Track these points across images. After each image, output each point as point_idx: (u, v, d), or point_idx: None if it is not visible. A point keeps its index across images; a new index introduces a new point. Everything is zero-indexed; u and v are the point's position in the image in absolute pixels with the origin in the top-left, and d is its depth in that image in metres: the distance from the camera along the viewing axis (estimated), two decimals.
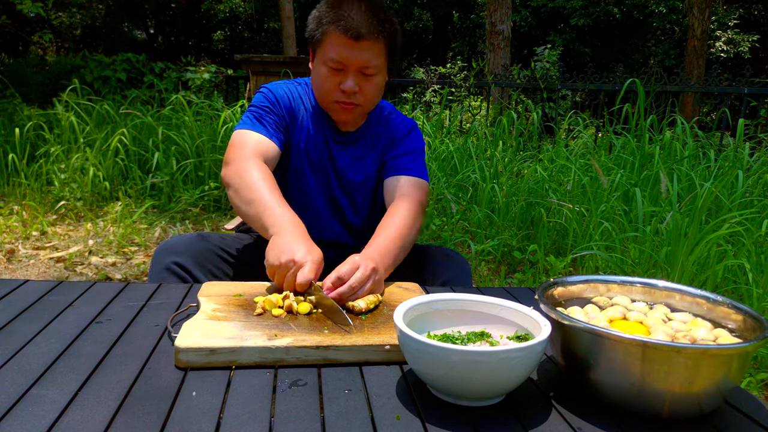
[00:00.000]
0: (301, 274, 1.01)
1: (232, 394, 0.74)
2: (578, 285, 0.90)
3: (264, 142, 1.31)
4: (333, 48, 1.26)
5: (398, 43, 1.35)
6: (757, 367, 2.04)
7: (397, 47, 1.34)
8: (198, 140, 4.44)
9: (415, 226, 1.28)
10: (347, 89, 1.28)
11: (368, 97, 1.33)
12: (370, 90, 1.32)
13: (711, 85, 5.19)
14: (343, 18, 1.24)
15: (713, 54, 11.94)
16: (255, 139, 1.30)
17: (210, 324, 0.88)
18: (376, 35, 1.25)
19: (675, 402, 0.69)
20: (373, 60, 1.27)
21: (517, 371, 0.70)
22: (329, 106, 1.35)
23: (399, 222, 1.25)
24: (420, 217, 1.33)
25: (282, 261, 1.02)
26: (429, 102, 6.30)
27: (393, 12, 1.35)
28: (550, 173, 3.86)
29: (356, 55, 1.25)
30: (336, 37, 1.25)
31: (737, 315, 0.79)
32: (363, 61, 1.26)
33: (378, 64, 1.29)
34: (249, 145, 1.28)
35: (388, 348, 0.84)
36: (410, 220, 1.27)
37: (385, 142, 1.46)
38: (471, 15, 14.24)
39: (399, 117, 1.50)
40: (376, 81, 1.31)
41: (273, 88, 1.40)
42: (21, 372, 0.77)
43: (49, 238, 3.51)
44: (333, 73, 1.29)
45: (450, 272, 1.32)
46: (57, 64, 7.28)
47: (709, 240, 2.43)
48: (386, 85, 1.42)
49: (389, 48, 1.31)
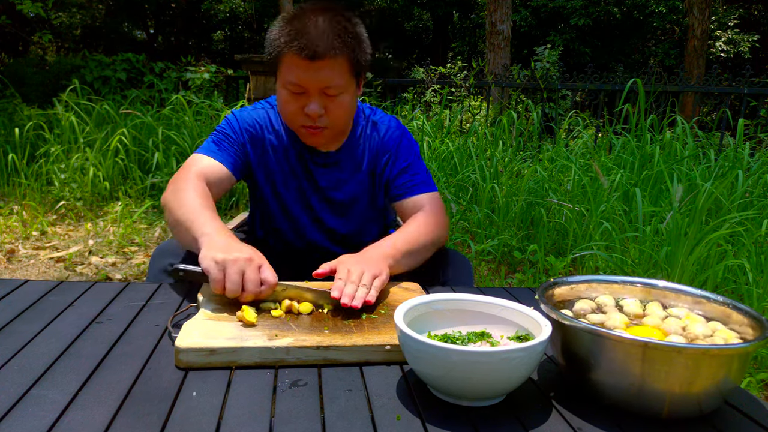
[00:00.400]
0: (268, 275, 0.94)
1: (232, 394, 0.74)
2: (578, 285, 0.90)
3: (213, 165, 1.26)
4: (290, 70, 1.17)
5: (364, 55, 1.23)
6: (757, 367, 2.04)
7: (363, 59, 1.23)
8: (198, 140, 4.44)
9: (430, 235, 1.26)
10: (311, 113, 1.20)
11: (335, 118, 1.24)
12: (336, 111, 1.22)
13: (711, 85, 5.19)
14: (297, 37, 1.14)
15: (713, 54, 11.94)
16: (204, 162, 1.26)
17: (210, 324, 0.88)
18: (334, 52, 1.15)
19: (675, 402, 0.69)
20: (335, 79, 1.18)
21: (517, 371, 0.70)
22: (297, 131, 1.28)
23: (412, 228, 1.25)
24: (438, 227, 1.30)
25: (230, 257, 0.93)
26: (429, 102, 6.30)
27: (357, 18, 1.23)
28: (550, 173, 3.86)
29: (314, 76, 1.16)
30: (291, 58, 1.16)
31: (737, 315, 0.79)
32: (323, 82, 1.17)
33: (341, 83, 1.19)
34: (194, 167, 1.23)
35: (388, 348, 0.84)
36: (424, 227, 1.26)
37: (377, 156, 1.39)
38: (471, 15, 14.24)
39: (383, 123, 1.41)
40: (342, 101, 1.22)
41: (239, 115, 1.35)
42: (21, 372, 0.77)
43: (49, 238, 3.51)
44: (294, 96, 1.21)
45: (451, 272, 1.31)
46: (57, 64, 7.27)
47: (709, 240, 2.43)
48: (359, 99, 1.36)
49: (353, 63, 1.20)
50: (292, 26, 1.16)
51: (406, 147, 1.40)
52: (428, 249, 1.26)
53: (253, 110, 1.37)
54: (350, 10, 1.24)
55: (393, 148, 1.39)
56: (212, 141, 1.31)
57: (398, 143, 1.39)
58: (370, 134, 1.39)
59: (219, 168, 1.27)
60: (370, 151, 1.39)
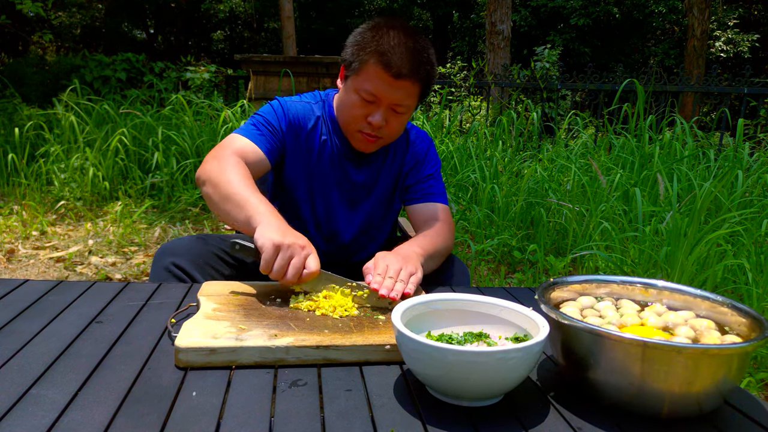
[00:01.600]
0: (312, 263, 1.01)
1: (232, 394, 0.74)
2: (578, 285, 0.90)
3: (251, 147, 1.29)
4: (370, 80, 1.23)
5: (434, 81, 1.33)
6: (757, 367, 2.04)
7: (431, 80, 1.31)
8: (198, 140, 4.44)
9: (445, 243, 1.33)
10: (375, 122, 1.26)
11: (393, 132, 1.32)
12: (396, 126, 1.30)
13: (711, 85, 5.19)
14: (386, 53, 1.20)
15: (713, 54, 11.94)
16: (241, 143, 1.29)
17: (210, 324, 0.88)
18: (415, 77, 1.23)
19: (675, 402, 0.69)
20: (407, 100, 1.26)
21: (515, 372, 0.70)
22: (352, 134, 1.33)
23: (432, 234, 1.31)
24: (451, 238, 1.37)
25: (286, 241, 0.99)
26: (429, 102, 6.30)
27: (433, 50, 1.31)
28: (549, 173, 3.86)
29: (393, 93, 1.23)
30: (375, 70, 1.22)
31: (737, 315, 0.79)
32: (397, 100, 1.25)
33: (410, 104, 1.28)
34: (232, 146, 1.27)
35: (388, 348, 0.84)
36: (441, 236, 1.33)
37: (406, 160, 1.45)
38: (471, 15, 14.24)
39: (413, 130, 1.49)
40: (403, 118, 1.30)
41: (284, 104, 1.38)
42: (21, 372, 0.77)
43: (49, 238, 3.51)
44: (364, 104, 1.26)
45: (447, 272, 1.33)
46: (57, 64, 7.28)
47: (709, 240, 2.43)
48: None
49: (425, 89, 1.29)
50: (382, 40, 1.22)
51: (433, 157, 1.48)
52: (442, 256, 1.33)
53: (298, 102, 1.40)
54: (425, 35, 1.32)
55: (421, 156, 1.46)
56: (252, 124, 1.34)
57: (426, 152, 1.47)
58: (406, 138, 1.47)
59: (256, 151, 1.29)
60: (404, 151, 1.46)
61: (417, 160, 1.45)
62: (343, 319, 0.94)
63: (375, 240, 1.50)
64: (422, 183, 1.44)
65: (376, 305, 1.02)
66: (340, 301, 1.00)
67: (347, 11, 15.08)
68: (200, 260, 1.28)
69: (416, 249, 1.19)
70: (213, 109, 5.16)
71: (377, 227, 1.50)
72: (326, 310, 0.97)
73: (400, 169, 1.45)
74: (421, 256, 1.18)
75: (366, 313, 0.98)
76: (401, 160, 1.45)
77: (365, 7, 15.73)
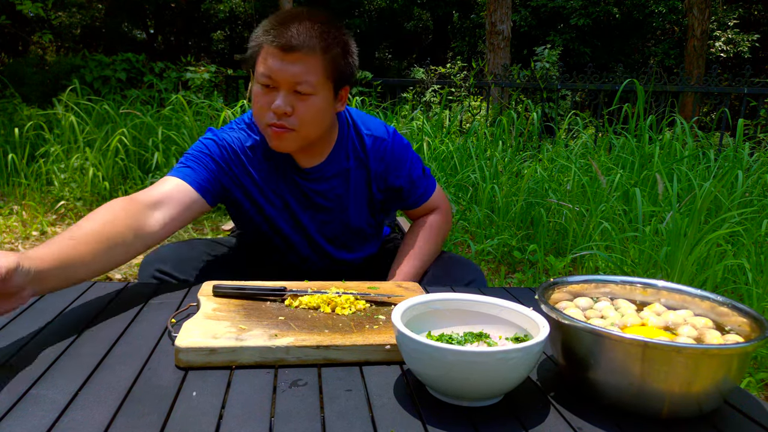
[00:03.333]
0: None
1: (232, 394, 0.74)
2: (578, 285, 0.90)
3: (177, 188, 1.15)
4: (263, 62, 1.13)
5: (346, 63, 1.18)
6: (757, 367, 2.04)
7: (344, 67, 1.18)
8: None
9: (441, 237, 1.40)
10: (276, 109, 1.13)
11: (303, 121, 1.16)
12: (305, 112, 1.15)
13: (711, 85, 5.19)
14: (273, 28, 1.12)
15: (713, 54, 11.94)
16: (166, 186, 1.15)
17: (210, 324, 0.88)
18: (310, 47, 1.11)
19: (675, 402, 0.69)
20: (307, 76, 1.12)
21: (514, 372, 0.70)
22: (265, 131, 1.20)
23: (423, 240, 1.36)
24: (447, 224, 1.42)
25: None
26: (429, 102, 6.30)
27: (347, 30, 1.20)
28: (549, 173, 3.86)
29: (286, 68, 1.11)
30: (266, 49, 1.13)
31: (737, 315, 0.79)
32: (293, 76, 1.11)
33: (314, 82, 1.13)
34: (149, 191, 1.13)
35: (388, 348, 0.84)
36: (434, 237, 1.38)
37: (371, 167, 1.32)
38: (471, 15, 14.24)
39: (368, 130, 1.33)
40: (313, 102, 1.15)
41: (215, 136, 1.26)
42: (21, 372, 0.77)
43: (49, 238, 3.50)
44: (265, 91, 1.15)
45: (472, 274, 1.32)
46: (57, 64, 7.27)
47: (709, 240, 2.43)
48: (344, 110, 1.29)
49: (330, 65, 1.14)
50: (273, 20, 1.14)
51: (399, 156, 1.34)
52: (438, 251, 1.39)
53: (230, 130, 1.29)
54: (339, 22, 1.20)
55: (386, 160, 1.33)
56: (183, 162, 1.22)
57: (390, 153, 1.33)
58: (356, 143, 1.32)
59: (184, 191, 1.16)
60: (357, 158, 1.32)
61: (381, 166, 1.33)
62: (343, 319, 0.94)
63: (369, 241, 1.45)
64: (403, 191, 1.36)
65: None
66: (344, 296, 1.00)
67: (347, 11, 15.07)
68: (187, 266, 1.26)
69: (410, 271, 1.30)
70: (213, 110, 5.15)
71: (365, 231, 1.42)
72: (338, 304, 0.98)
73: (368, 176, 1.33)
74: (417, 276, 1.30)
75: (367, 313, 0.98)
76: (364, 169, 1.33)
77: (365, 7, 15.73)
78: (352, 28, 15.14)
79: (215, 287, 1.01)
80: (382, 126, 1.35)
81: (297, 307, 0.98)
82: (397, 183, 1.35)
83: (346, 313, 0.97)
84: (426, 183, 1.40)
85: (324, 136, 1.26)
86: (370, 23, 15.73)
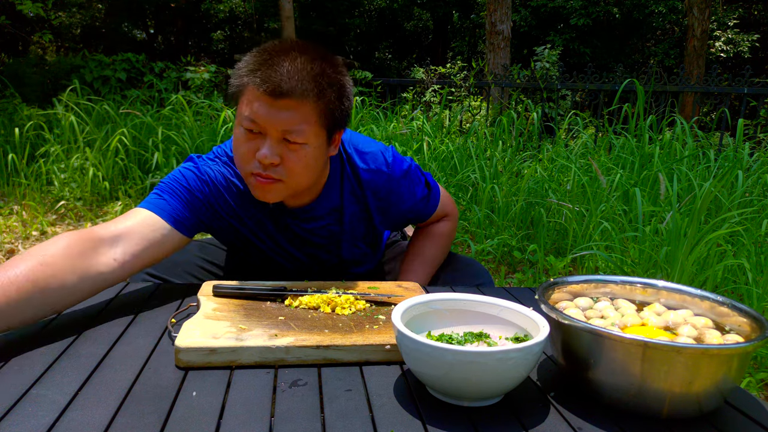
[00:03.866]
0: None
1: (232, 394, 0.74)
2: (578, 285, 0.90)
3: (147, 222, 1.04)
4: (248, 105, 0.99)
5: (340, 107, 1.05)
6: (757, 367, 2.04)
7: (338, 111, 1.04)
8: (198, 140, 4.44)
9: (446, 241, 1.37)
10: (262, 159, 1.00)
11: (292, 173, 1.03)
12: (294, 164, 1.02)
13: (711, 85, 5.19)
14: (261, 68, 0.98)
15: (713, 54, 11.94)
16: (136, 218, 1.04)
17: (210, 324, 0.88)
18: (303, 94, 0.98)
19: (675, 402, 0.69)
20: (299, 125, 0.99)
21: (514, 372, 0.70)
22: (247, 179, 1.07)
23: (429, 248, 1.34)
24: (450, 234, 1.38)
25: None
26: (429, 102, 6.30)
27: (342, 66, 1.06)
28: (549, 173, 3.86)
29: (275, 115, 0.98)
30: (252, 91, 0.99)
31: (737, 315, 0.79)
32: (283, 125, 0.99)
33: (306, 131, 1.00)
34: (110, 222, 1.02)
35: (388, 348, 0.84)
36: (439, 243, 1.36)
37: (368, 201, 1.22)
38: (471, 15, 14.24)
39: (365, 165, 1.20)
40: (303, 153, 1.02)
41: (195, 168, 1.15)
42: (21, 372, 0.77)
43: (48, 237, 3.50)
44: (250, 137, 1.02)
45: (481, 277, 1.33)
46: (57, 64, 7.27)
47: (709, 240, 2.43)
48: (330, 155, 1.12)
49: (324, 112, 1.02)
50: (260, 57, 1.00)
51: (397, 188, 1.22)
52: (446, 256, 1.38)
53: (212, 163, 1.16)
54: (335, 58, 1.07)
55: (384, 194, 1.22)
56: (157, 193, 1.10)
57: (388, 188, 1.22)
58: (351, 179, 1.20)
59: (154, 225, 1.04)
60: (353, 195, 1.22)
61: (386, 200, 1.23)
62: (343, 319, 0.94)
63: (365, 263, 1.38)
64: (408, 218, 1.30)
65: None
66: (344, 296, 1.00)
67: (347, 11, 15.07)
68: (179, 269, 1.26)
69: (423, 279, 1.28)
70: (213, 109, 5.16)
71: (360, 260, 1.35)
72: (338, 304, 0.98)
73: (367, 212, 1.24)
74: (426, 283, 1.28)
75: (366, 313, 0.98)
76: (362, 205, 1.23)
77: (365, 7, 15.73)
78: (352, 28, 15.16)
79: (215, 287, 1.01)
80: (379, 155, 1.21)
81: (297, 307, 0.98)
82: (401, 210, 1.26)
83: (346, 313, 0.97)
84: (430, 198, 1.30)
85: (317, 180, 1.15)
86: (370, 23, 15.73)
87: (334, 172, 1.18)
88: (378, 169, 1.19)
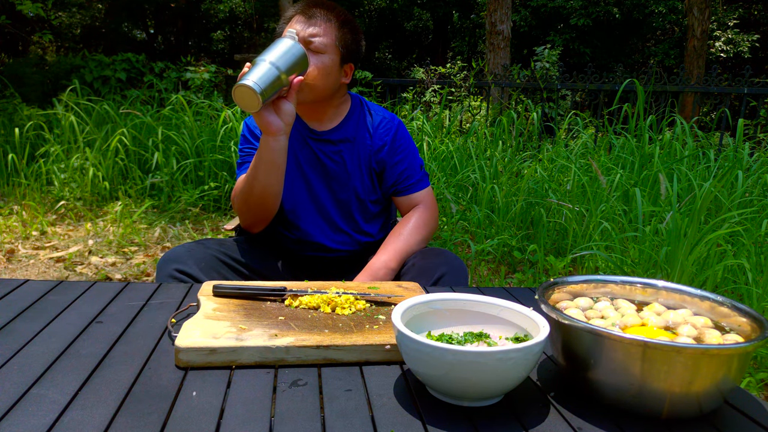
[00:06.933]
0: None
1: (232, 394, 0.74)
2: (578, 285, 0.90)
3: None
4: (290, 27, 1.34)
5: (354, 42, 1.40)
6: (757, 367, 2.04)
7: (352, 44, 1.40)
8: (198, 140, 4.44)
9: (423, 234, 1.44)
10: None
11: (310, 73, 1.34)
12: (313, 66, 1.33)
13: (711, 85, 5.19)
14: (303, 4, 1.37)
15: (713, 54, 11.94)
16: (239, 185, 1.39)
17: (210, 323, 0.88)
18: (328, 18, 1.35)
19: (675, 402, 0.69)
20: (321, 36, 1.33)
21: (514, 372, 0.70)
22: None
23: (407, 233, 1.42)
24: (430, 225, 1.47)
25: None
26: (429, 102, 6.30)
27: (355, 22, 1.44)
28: (549, 173, 3.86)
29: (305, 28, 1.33)
30: (294, 17, 1.36)
31: (737, 315, 0.79)
32: (310, 34, 1.33)
33: (326, 42, 1.34)
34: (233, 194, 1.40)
35: (388, 348, 0.84)
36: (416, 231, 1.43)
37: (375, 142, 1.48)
38: (471, 15, 14.24)
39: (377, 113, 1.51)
40: (321, 60, 1.34)
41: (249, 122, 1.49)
42: (21, 372, 0.77)
43: (48, 238, 3.50)
44: None
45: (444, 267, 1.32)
46: (57, 64, 7.27)
47: (709, 240, 2.43)
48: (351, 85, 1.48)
49: (343, 36, 1.37)
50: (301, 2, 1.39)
51: (401, 139, 1.50)
52: (423, 243, 1.45)
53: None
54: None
55: (389, 139, 1.48)
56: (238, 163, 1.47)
57: (394, 134, 1.49)
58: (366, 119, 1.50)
59: None
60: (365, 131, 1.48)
61: (384, 142, 1.47)
62: (343, 319, 0.94)
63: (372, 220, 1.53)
64: (397, 174, 1.48)
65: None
66: (344, 296, 1.01)
67: (347, 11, 15.06)
68: (205, 264, 1.30)
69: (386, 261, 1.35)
70: (213, 109, 5.15)
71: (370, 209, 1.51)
72: (338, 304, 0.98)
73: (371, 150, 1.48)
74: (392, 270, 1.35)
75: (366, 313, 0.98)
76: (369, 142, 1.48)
77: (365, 6, 15.72)
78: None
79: (215, 287, 1.01)
80: (392, 114, 1.53)
81: (297, 307, 0.98)
82: (395, 162, 1.47)
83: (346, 313, 0.97)
84: (420, 175, 1.50)
85: (333, 102, 1.44)
86: (370, 23, 15.73)
87: (354, 109, 1.49)
88: (390, 118, 1.51)
